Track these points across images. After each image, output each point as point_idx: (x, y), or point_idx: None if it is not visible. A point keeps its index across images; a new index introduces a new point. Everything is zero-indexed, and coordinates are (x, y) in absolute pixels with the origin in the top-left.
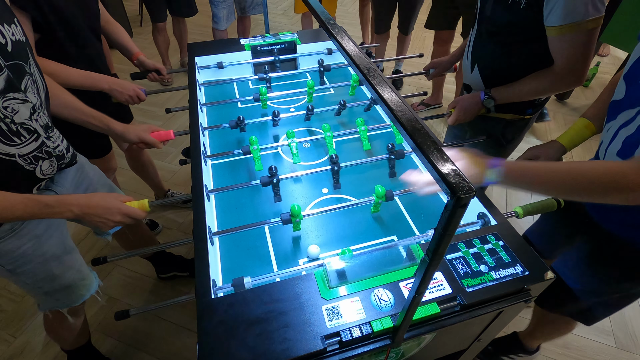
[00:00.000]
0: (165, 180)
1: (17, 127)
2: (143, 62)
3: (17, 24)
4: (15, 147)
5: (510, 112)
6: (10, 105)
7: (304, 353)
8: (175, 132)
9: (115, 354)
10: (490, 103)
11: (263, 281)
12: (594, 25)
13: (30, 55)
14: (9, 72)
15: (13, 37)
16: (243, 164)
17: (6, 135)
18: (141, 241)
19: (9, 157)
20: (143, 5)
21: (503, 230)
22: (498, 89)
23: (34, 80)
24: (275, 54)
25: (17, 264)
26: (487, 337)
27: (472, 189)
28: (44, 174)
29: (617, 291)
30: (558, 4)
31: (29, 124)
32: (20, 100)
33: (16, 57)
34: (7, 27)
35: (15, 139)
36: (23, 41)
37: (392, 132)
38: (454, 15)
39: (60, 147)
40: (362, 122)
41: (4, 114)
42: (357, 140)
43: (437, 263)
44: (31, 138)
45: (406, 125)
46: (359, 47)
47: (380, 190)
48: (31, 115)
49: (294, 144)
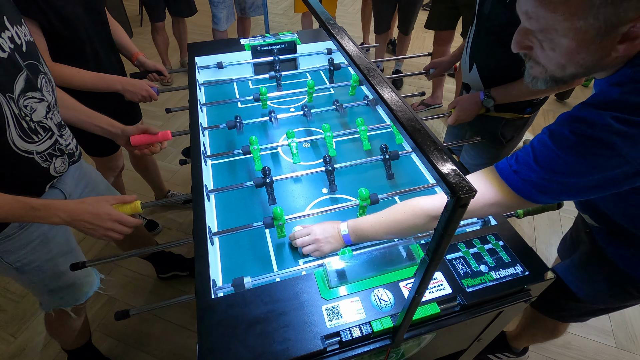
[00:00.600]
0: (166, 180)
1: (35, 125)
2: (143, 63)
3: (24, 24)
4: (34, 145)
5: (510, 111)
6: (30, 104)
7: (304, 353)
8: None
9: (115, 354)
10: (490, 103)
11: (263, 281)
12: None
13: (40, 55)
14: (28, 71)
15: (25, 38)
16: (243, 164)
17: (26, 132)
18: (138, 241)
19: (28, 154)
20: (143, 5)
21: (503, 230)
22: (497, 89)
23: (48, 79)
24: (275, 54)
25: (25, 262)
26: (487, 337)
27: (472, 189)
28: (57, 171)
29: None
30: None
31: (44, 122)
32: (38, 99)
33: (30, 57)
34: (18, 28)
35: (33, 136)
36: (32, 41)
37: (393, 132)
38: (454, 15)
39: (71, 145)
40: (362, 122)
41: (24, 112)
42: (357, 140)
43: (437, 263)
44: (47, 136)
45: (406, 125)
46: (359, 47)
47: (364, 193)
48: (47, 113)
49: (294, 144)
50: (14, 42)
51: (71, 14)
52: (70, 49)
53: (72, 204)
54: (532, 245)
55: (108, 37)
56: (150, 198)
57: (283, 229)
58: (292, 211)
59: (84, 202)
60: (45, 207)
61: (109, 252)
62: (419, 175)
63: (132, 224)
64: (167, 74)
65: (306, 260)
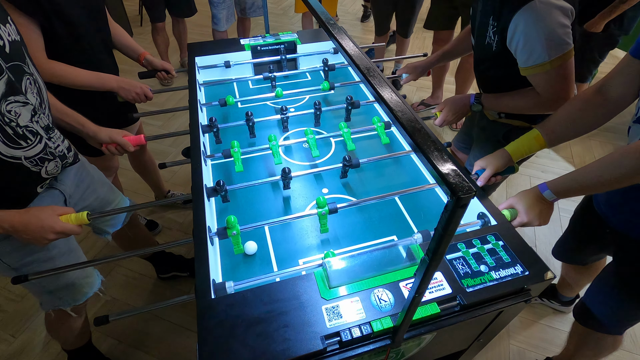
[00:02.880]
0: (166, 181)
1: (23, 130)
2: (151, 62)
3: (10, 22)
4: (22, 150)
5: (520, 120)
6: (13, 109)
7: (304, 353)
8: (146, 137)
9: (115, 354)
10: (478, 108)
11: (263, 281)
12: (562, 61)
13: (26, 54)
14: (10, 74)
15: (9, 38)
16: (244, 163)
17: (12, 138)
18: (138, 241)
19: (14, 159)
20: (143, 6)
21: (503, 230)
22: (488, 97)
23: (34, 79)
24: (281, 54)
25: (23, 262)
26: (487, 337)
27: (472, 189)
28: (49, 173)
29: None
30: (520, 48)
31: (32, 126)
32: (21, 103)
33: (14, 57)
34: (3, 27)
35: (21, 142)
36: (18, 40)
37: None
38: (452, 15)
39: (61, 147)
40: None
41: (8, 117)
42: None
43: (437, 263)
44: (36, 140)
45: (406, 125)
46: (359, 47)
47: (322, 200)
48: (32, 117)
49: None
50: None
51: (71, 14)
52: (67, 48)
53: (16, 215)
54: (532, 245)
55: (106, 38)
56: (150, 198)
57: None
58: (292, 211)
59: (28, 212)
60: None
61: (109, 251)
62: (419, 175)
63: (76, 233)
64: (175, 72)
65: (306, 260)
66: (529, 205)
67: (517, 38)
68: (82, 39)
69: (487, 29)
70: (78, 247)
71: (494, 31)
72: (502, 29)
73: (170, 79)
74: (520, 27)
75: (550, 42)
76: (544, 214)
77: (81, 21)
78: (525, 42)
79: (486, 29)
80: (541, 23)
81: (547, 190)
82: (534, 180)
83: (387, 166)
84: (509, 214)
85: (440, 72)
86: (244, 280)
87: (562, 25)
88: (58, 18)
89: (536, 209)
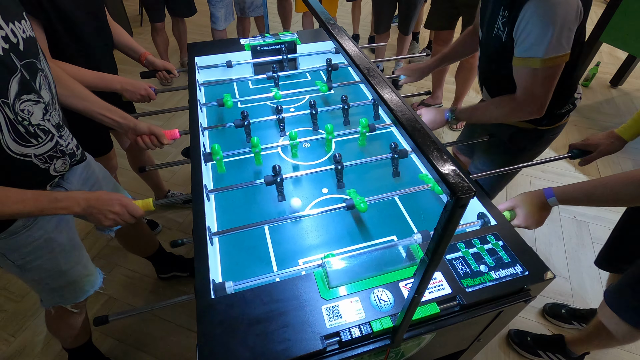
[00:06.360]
0: (166, 181)
1: (35, 129)
2: (152, 62)
3: (26, 18)
4: (32, 148)
5: (524, 121)
6: (26, 108)
7: (303, 353)
8: (180, 131)
9: (115, 354)
10: (454, 122)
11: (262, 281)
12: (553, 63)
13: (40, 50)
14: (24, 72)
15: (24, 35)
16: (243, 163)
17: (23, 137)
18: (142, 239)
19: (24, 157)
20: (142, 6)
21: (503, 230)
22: (463, 111)
23: (45, 75)
24: (283, 53)
25: (28, 260)
26: (487, 337)
27: (471, 189)
28: (57, 171)
29: None
30: (522, 37)
31: (43, 124)
32: (34, 101)
33: (28, 55)
34: (18, 24)
35: (32, 140)
36: (32, 36)
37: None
38: (453, 15)
39: (71, 145)
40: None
41: (21, 116)
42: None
43: (437, 263)
44: (47, 138)
45: (406, 125)
46: (359, 47)
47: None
48: (44, 115)
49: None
50: (8, 41)
51: (71, 14)
52: (67, 47)
53: (88, 193)
54: (532, 245)
55: (106, 38)
56: None
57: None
58: (292, 211)
59: (98, 192)
60: (67, 197)
61: (111, 249)
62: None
63: (138, 214)
64: (176, 72)
65: (306, 260)
66: (530, 211)
67: (523, 25)
68: (82, 39)
69: (497, 20)
70: (81, 245)
71: (504, 22)
72: (512, 19)
73: (172, 78)
74: (528, 14)
75: (551, 39)
76: (542, 219)
77: (81, 21)
78: (530, 31)
79: (496, 19)
80: (550, 16)
81: (553, 197)
82: (534, 180)
83: (387, 166)
84: (509, 215)
85: (441, 72)
86: (244, 280)
87: (569, 27)
88: (58, 18)
89: (537, 214)
